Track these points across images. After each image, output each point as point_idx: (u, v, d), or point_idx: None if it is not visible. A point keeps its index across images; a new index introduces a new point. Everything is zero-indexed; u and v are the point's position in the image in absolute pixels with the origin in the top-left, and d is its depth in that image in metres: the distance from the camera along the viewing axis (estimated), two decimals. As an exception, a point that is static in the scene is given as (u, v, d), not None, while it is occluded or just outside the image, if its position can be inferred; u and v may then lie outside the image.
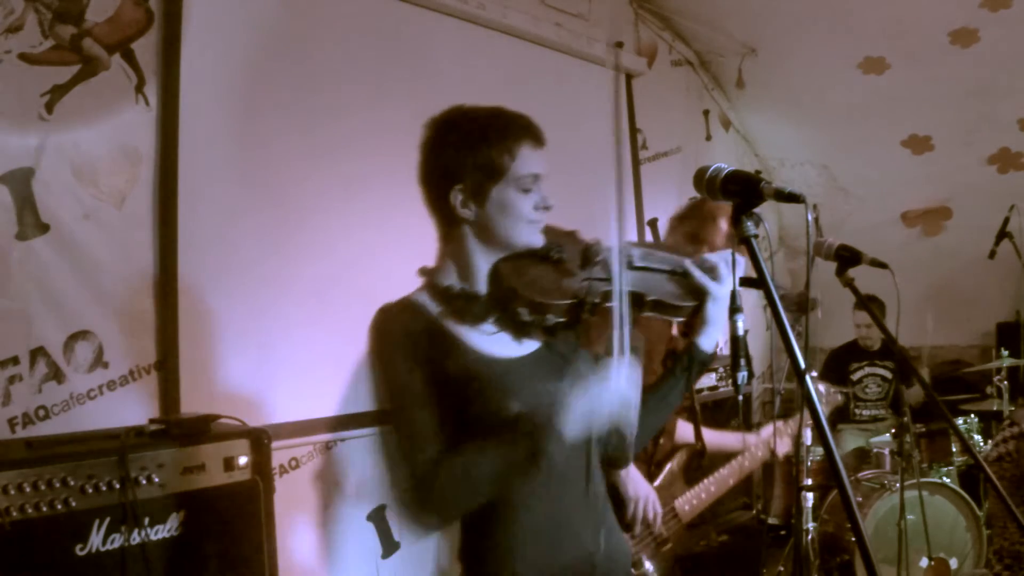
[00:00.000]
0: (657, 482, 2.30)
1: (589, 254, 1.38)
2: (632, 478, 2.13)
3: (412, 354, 1.34)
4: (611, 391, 1.23)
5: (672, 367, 1.48)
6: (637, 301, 1.39)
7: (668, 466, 2.34)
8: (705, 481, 2.38)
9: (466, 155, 1.35)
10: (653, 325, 2.31)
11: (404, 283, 1.51)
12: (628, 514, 2.14)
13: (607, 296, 1.34)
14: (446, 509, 1.31)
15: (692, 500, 2.34)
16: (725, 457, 2.44)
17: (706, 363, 1.47)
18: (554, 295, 1.32)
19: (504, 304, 1.34)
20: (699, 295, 1.43)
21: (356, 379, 2.81)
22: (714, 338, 1.44)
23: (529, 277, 1.34)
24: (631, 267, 1.40)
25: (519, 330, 1.39)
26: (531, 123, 1.39)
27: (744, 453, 2.45)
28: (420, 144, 1.44)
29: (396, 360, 1.35)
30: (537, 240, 1.37)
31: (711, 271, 1.45)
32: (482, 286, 1.37)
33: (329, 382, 2.74)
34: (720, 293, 1.42)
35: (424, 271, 1.45)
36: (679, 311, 1.44)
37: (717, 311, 1.43)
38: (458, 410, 1.33)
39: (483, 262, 1.38)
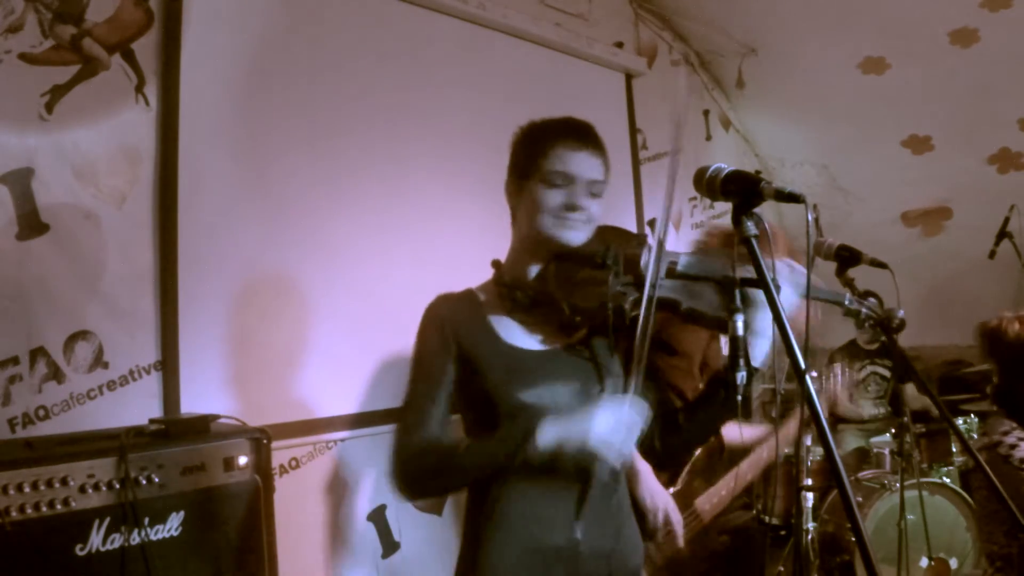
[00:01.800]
0: (676, 487, 2.28)
1: (630, 261, 1.39)
2: (651, 489, 2.12)
3: (446, 340, 1.43)
4: (595, 422, 1.27)
5: (717, 380, 1.46)
6: (671, 309, 1.39)
7: (686, 467, 2.32)
8: (725, 477, 2.36)
9: (517, 154, 1.47)
10: (691, 332, 2.31)
11: (405, 282, 1.52)
12: (649, 524, 2.12)
13: (636, 304, 1.35)
14: (409, 490, 1.44)
15: (712, 498, 2.31)
16: (743, 451, 2.42)
17: (752, 375, 1.40)
18: (585, 299, 1.36)
19: (542, 300, 1.40)
20: (746, 305, 1.36)
21: (356, 379, 2.82)
22: (762, 349, 1.38)
23: (567, 279, 1.39)
24: (673, 275, 1.40)
25: (550, 327, 1.44)
26: (577, 127, 1.44)
27: (763, 444, 2.41)
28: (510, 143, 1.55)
29: (431, 342, 1.44)
30: (569, 237, 1.40)
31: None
32: (525, 276, 1.45)
33: (329, 382, 2.74)
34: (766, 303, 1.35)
35: (495, 263, 1.53)
36: (714, 321, 1.39)
37: (763, 322, 1.36)
38: (475, 393, 1.41)
39: (522, 253, 1.47)
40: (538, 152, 1.42)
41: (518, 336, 1.44)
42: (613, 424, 1.27)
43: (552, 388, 1.39)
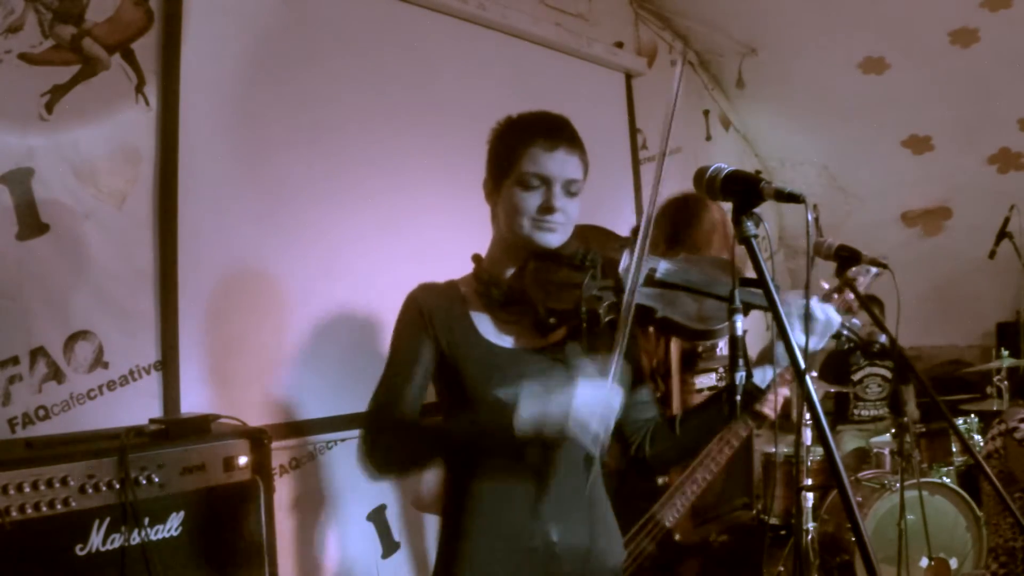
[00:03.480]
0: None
1: (609, 264, 1.39)
2: None
3: (424, 326, 1.43)
4: (577, 400, 1.24)
5: (718, 394, 1.47)
6: (647, 316, 1.38)
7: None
8: (680, 480, 2.25)
9: (493, 152, 1.46)
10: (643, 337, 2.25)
11: (404, 282, 1.51)
12: None
13: (611, 309, 1.34)
14: (375, 464, 1.42)
15: (677, 507, 2.20)
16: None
17: (754, 396, 1.42)
18: (558, 301, 1.35)
19: (517, 299, 1.39)
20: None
21: (356, 379, 2.81)
22: (768, 372, 1.40)
23: (544, 279, 1.38)
24: (652, 281, 1.39)
25: (525, 326, 1.43)
26: (553, 124, 1.43)
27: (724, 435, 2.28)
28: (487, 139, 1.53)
29: (409, 325, 1.45)
30: (547, 240, 1.40)
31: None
32: (503, 274, 1.45)
33: (329, 382, 2.74)
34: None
35: (475, 257, 1.53)
36: (689, 333, 1.39)
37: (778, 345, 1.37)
38: (453, 386, 1.42)
39: (501, 252, 1.47)
40: (513, 152, 1.40)
41: (495, 333, 1.44)
42: (592, 403, 1.24)
43: (520, 385, 1.37)
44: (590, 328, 1.35)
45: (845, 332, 1.59)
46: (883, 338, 1.63)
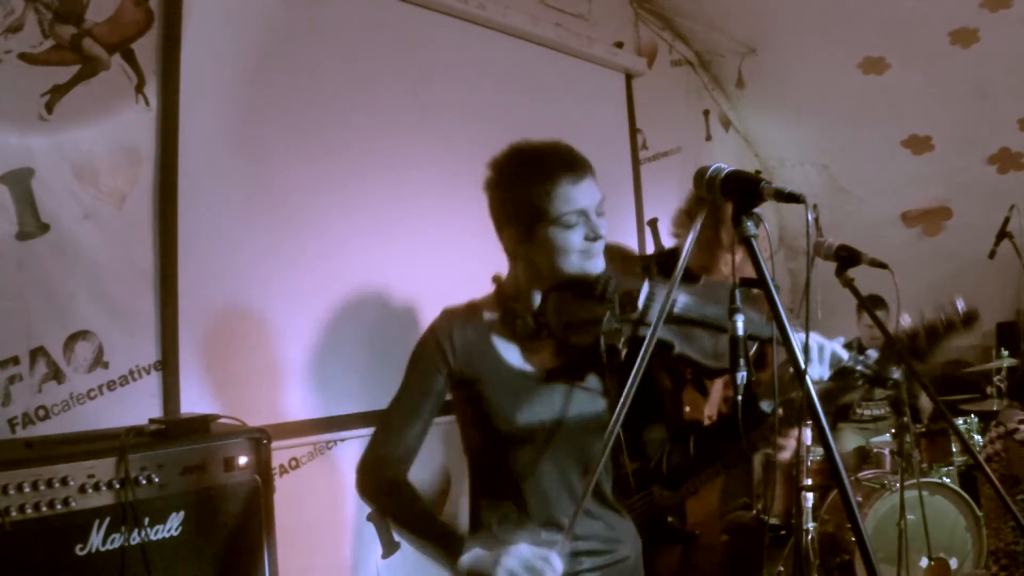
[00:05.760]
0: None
1: (628, 296, 1.38)
2: None
3: (444, 358, 1.44)
4: (506, 560, 1.24)
5: (726, 417, 1.49)
6: (665, 351, 1.38)
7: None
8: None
9: (510, 201, 1.41)
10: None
11: (405, 280, 1.52)
12: None
13: (629, 343, 1.35)
14: (362, 497, 1.53)
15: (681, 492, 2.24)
16: None
17: (760, 421, 1.45)
18: (579, 336, 1.35)
19: (542, 330, 1.39)
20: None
21: (356, 378, 2.81)
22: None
23: (565, 310, 1.37)
24: (670, 316, 1.38)
25: (548, 356, 1.44)
26: (568, 157, 1.41)
27: None
28: (483, 186, 1.48)
29: (427, 356, 1.45)
30: (593, 266, 1.39)
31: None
32: (530, 301, 1.44)
33: (329, 382, 2.74)
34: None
35: (496, 279, 1.51)
36: (705, 370, 1.40)
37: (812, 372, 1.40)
38: (476, 413, 1.43)
39: (535, 289, 1.44)
40: (539, 197, 1.36)
41: (519, 359, 1.45)
42: (519, 568, 1.23)
43: (551, 411, 1.41)
44: (610, 362, 1.34)
45: (859, 368, 1.57)
46: (896, 373, 1.61)
